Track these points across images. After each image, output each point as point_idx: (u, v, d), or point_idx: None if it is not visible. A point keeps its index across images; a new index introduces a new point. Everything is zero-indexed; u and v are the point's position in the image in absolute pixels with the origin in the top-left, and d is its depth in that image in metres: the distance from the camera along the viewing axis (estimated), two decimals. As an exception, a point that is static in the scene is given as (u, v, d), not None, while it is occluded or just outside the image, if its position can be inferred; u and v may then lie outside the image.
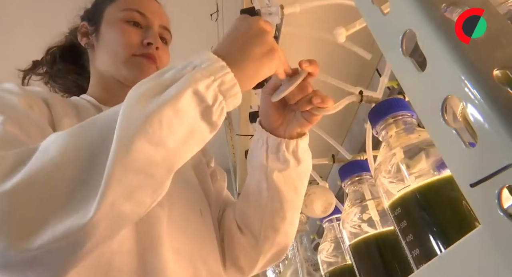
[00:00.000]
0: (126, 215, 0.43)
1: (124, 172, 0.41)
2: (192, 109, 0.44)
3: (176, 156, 0.44)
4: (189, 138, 0.45)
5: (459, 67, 0.20)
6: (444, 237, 0.37)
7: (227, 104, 0.46)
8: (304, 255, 1.07)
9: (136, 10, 0.74)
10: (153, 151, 0.42)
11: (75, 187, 0.41)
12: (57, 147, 0.43)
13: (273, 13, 0.54)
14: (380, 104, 0.52)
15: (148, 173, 0.42)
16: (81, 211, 0.40)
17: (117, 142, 0.41)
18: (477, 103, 0.19)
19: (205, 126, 0.45)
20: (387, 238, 0.56)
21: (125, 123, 0.42)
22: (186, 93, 0.43)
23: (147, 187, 0.43)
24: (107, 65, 0.74)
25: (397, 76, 0.25)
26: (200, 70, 0.45)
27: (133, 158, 0.41)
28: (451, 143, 0.20)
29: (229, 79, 0.45)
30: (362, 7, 0.28)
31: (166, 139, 0.42)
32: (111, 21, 0.75)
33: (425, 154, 0.45)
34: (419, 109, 0.23)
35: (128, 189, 0.42)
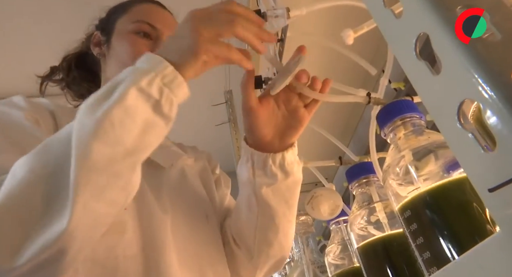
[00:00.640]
0: (100, 216, 0.45)
1: (87, 173, 0.43)
2: (142, 105, 0.46)
3: (136, 152, 0.47)
4: (146, 133, 0.47)
5: (476, 70, 0.19)
6: (456, 240, 0.37)
7: (175, 95, 0.48)
8: (310, 257, 1.07)
9: (146, 22, 0.74)
10: (111, 150, 0.44)
11: (48, 201, 0.43)
12: (24, 167, 0.45)
13: (279, 15, 0.54)
14: (388, 106, 0.51)
15: (112, 172, 0.45)
16: (57, 221, 0.42)
17: (76, 150, 0.43)
18: (495, 107, 0.18)
19: (159, 119, 0.48)
20: (396, 241, 0.56)
21: (79, 132, 0.44)
22: (130, 91, 0.46)
23: (114, 185, 0.46)
24: (115, 74, 0.75)
25: (410, 79, 0.25)
26: (140, 69, 0.48)
27: (93, 160, 0.43)
28: (468, 148, 0.20)
29: (170, 71, 0.48)
30: (374, 10, 0.28)
31: (122, 137, 0.45)
32: (122, 33, 0.76)
33: (434, 156, 0.44)
34: (434, 113, 0.23)
35: (96, 190, 0.44)
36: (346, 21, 0.62)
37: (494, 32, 0.21)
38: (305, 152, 1.07)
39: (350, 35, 0.56)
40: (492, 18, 0.22)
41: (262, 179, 0.63)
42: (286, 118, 0.62)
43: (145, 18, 0.75)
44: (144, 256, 0.59)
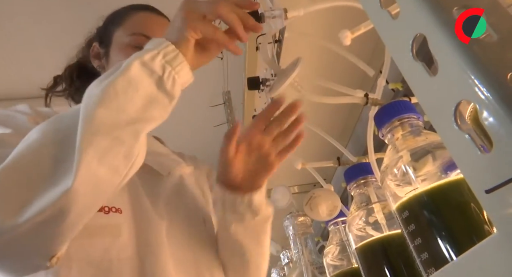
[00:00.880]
0: (102, 181, 0.48)
1: (91, 136, 0.46)
2: (145, 79, 0.50)
3: (139, 122, 0.50)
4: (149, 107, 0.50)
5: (473, 71, 0.19)
6: (454, 241, 0.37)
7: (177, 72, 0.51)
8: (309, 258, 1.07)
9: (142, 34, 0.75)
10: (114, 116, 0.48)
11: (56, 163, 0.46)
12: (37, 132, 0.49)
13: (276, 16, 0.54)
14: (385, 106, 0.51)
15: (115, 136, 0.48)
16: (63, 181, 0.45)
17: (83, 115, 0.47)
18: (492, 108, 0.18)
19: (162, 95, 0.51)
20: (394, 242, 0.56)
21: (86, 100, 0.49)
22: (134, 64, 0.49)
23: (117, 150, 0.48)
24: None
25: (407, 80, 0.25)
26: (146, 48, 0.52)
27: (98, 123, 0.47)
28: (465, 149, 0.20)
29: (171, 49, 0.51)
30: (371, 11, 0.28)
31: (125, 106, 0.48)
32: (119, 46, 0.76)
33: (432, 156, 0.44)
34: (431, 114, 0.23)
35: (99, 152, 0.46)
36: (344, 22, 0.62)
37: (491, 32, 0.21)
38: (304, 153, 1.07)
39: (347, 36, 0.56)
40: (488, 19, 0.22)
41: (232, 217, 0.67)
42: (257, 162, 0.66)
43: (141, 30, 0.75)
44: (139, 259, 0.60)
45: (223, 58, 1.90)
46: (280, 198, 1.10)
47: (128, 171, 0.51)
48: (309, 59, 0.79)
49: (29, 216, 0.44)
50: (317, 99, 0.57)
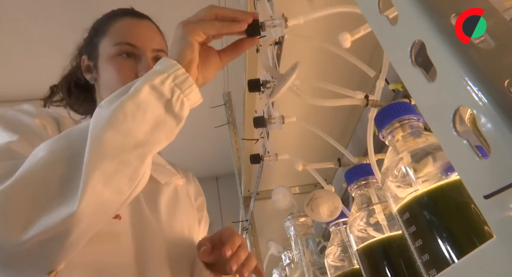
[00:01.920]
0: (107, 203, 0.48)
1: (99, 160, 0.47)
2: (154, 103, 0.50)
3: (146, 145, 0.50)
4: (156, 129, 0.51)
5: (470, 78, 0.20)
6: (455, 242, 0.37)
7: (185, 95, 0.52)
8: (310, 259, 1.07)
9: (126, 43, 0.75)
10: (122, 139, 0.48)
11: (63, 183, 0.47)
12: (45, 149, 0.49)
13: (277, 25, 0.55)
14: (385, 108, 0.51)
15: (122, 159, 0.48)
16: (69, 203, 0.45)
17: (91, 137, 0.48)
18: (489, 114, 0.19)
19: (170, 118, 0.51)
20: (395, 243, 0.56)
21: (95, 121, 0.49)
22: (143, 88, 0.50)
23: (123, 173, 0.49)
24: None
25: (406, 86, 0.25)
26: (155, 70, 0.53)
27: (106, 147, 0.47)
28: (463, 154, 0.20)
29: (181, 73, 0.52)
30: (370, 16, 0.28)
31: (133, 129, 0.49)
32: (106, 58, 0.76)
33: (432, 158, 0.44)
34: (429, 120, 0.23)
35: (106, 175, 0.47)
36: (343, 24, 0.63)
37: (487, 38, 0.21)
38: (304, 154, 1.07)
39: (347, 39, 0.56)
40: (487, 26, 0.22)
41: None
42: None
43: (124, 39, 0.76)
44: (138, 265, 0.61)
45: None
46: (281, 198, 1.10)
47: (132, 192, 0.51)
48: (309, 61, 0.80)
49: (32, 234, 0.45)
50: (318, 102, 0.57)
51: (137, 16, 0.80)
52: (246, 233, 1.75)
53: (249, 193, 1.75)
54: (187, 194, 0.82)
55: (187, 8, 0.76)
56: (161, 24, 0.84)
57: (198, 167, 2.99)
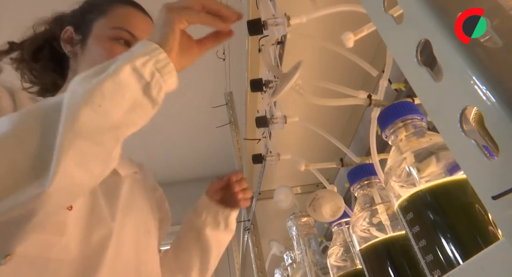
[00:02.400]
0: (78, 184, 0.47)
1: (73, 139, 0.45)
2: (133, 84, 0.49)
3: (122, 126, 0.49)
4: (133, 111, 0.49)
5: (478, 77, 0.19)
6: (459, 243, 0.37)
7: (164, 80, 0.52)
8: (312, 259, 1.06)
9: (126, 30, 0.73)
10: (98, 119, 0.47)
11: (33, 160, 0.45)
12: (10, 123, 0.46)
13: (279, 24, 0.54)
14: (388, 107, 0.51)
15: (96, 140, 0.47)
16: (39, 182, 0.44)
17: (65, 114, 0.45)
18: (498, 114, 0.18)
19: (146, 101, 0.50)
20: (398, 243, 0.56)
21: (70, 98, 0.47)
22: (125, 68, 0.49)
23: (96, 154, 0.48)
24: None
25: (412, 85, 0.25)
26: (136, 52, 0.51)
27: (80, 126, 0.45)
28: (471, 155, 0.20)
29: (163, 57, 0.51)
30: (374, 15, 0.28)
31: (110, 110, 0.47)
32: (99, 37, 0.74)
33: (435, 157, 0.44)
34: (436, 119, 0.23)
35: (79, 155, 0.45)
36: (346, 23, 0.62)
37: (495, 37, 0.21)
38: (306, 154, 1.07)
39: (350, 38, 0.56)
40: (492, 23, 0.22)
41: (211, 222, 0.85)
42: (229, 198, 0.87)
43: (125, 26, 0.74)
44: (82, 261, 0.58)
45: (225, 59, 1.90)
46: (283, 198, 1.10)
47: (101, 174, 0.50)
48: (311, 60, 0.79)
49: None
50: (320, 101, 0.57)
51: (143, 11, 0.79)
52: (248, 233, 1.75)
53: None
54: (144, 190, 0.80)
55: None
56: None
57: (200, 167, 2.99)
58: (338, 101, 0.61)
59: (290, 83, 0.54)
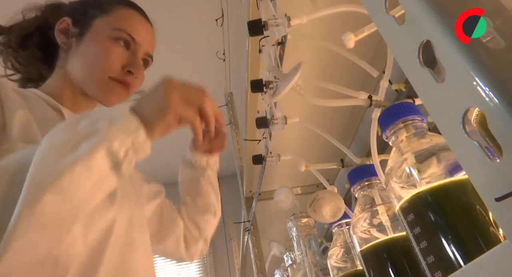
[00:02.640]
0: (31, 264, 0.43)
1: (28, 226, 0.42)
2: (104, 165, 0.46)
3: (81, 208, 0.46)
4: (97, 189, 0.47)
5: (481, 78, 0.19)
6: (460, 244, 0.37)
7: (137, 155, 0.49)
8: (312, 260, 1.06)
9: (127, 32, 0.72)
10: (60, 205, 0.44)
11: None
12: None
13: (280, 24, 0.54)
14: (389, 108, 0.51)
15: (53, 226, 0.44)
16: None
17: (28, 191, 0.42)
18: (501, 116, 0.18)
19: (113, 177, 0.48)
20: (399, 244, 0.56)
21: (37, 176, 0.44)
22: (100, 151, 0.46)
23: (52, 238, 0.45)
24: (79, 76, 0.73)
25: (414, 86, 0.25)
26: (116, 127, 0.48)
27: (39, 212, 0.42)
28: (474, 156, 0.20)
29: (142, 139, 0.49)
30: (376, 16, 0.28)
31: (74, 193, 0.45)
32: (99, 35, 0.72)
33: (436, 158, 0.44)
34: (438, 121, 0.23)
35: (32, 242, 0.42)
36: (347, 23, 0.62)
37: (497, 38, 0.21)
38: (307, 155, 1.07)
39: (351, 39, 0.56)
40: (494, 23, 0.22)
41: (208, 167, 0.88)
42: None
43: (127, 28, 0.73)
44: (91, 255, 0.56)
45: (225, 60, 1.90)
46: (283, 199, 1.10)
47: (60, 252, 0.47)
48: (312, 61, 0.79)
49: None
50: (321, 102, 0.57)
51: (145, 16, 0.79)
52: (248, 233, 1.75)
53: (251, 193, 1.75)
54: (133, 184, 0.78)
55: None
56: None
57: (200, 168, 2.97)
58: (339, 102, 0.61)
59: (290, 84, 0.54)
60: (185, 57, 2.35)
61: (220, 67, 2.00)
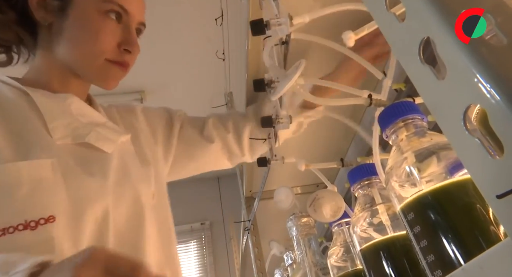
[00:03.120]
0: None
1: None
2: None
3: None
4: None
5: (483, 75, 0.19)
6: (460, 243, 0.36)
7: None
8: (312, 259, 1.06)
9: (118, 5, 0.64)
10: None
11: None
12: None
13: (282, 23, 0.54)
14: (389, 107, 0.51)
15: None
16: None
17: None
18: (502, 113, 0.18)
19: None
20: (399, 243, 0.56)
21: None
22: None
23: None
24: (69, 60, 0.66)
25: (415, 84, 0.25)
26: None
27: None
28: (475, 154, 0.20)
29: None
30: (377, 14, 0.28)
31: None
32: (86, 9, 0.63)
33: (436, 157, 0.44)
34: (439, 118, 0.23)
35: None
36: (348, 23, 0.62)
37: (499, 35, 0.21)
38: (306, 154, 1.07)
39: (351, 37, 0.56)
40: (496, 21, 0.22)
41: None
42: None
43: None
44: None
45: (225, 59, 1.90)
46: (283, 199, 1.09)
47: None
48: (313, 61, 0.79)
49: None
50: (322, 101, 0.57)
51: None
52: (248, 233, 1.75)
53: (251, 193, 1.75)
54: (133, 155, 0.72)
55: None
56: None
57: (200, 167, 2.98)
58: (339, 101, 0.61)
59: (290, 83, 0.54)
60: (185, 57, 2.35)
61: (219, 66, 1.99)
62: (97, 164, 0.63)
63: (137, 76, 2.12)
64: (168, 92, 2.37)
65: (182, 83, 2.36)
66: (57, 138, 0.60)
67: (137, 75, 2.14)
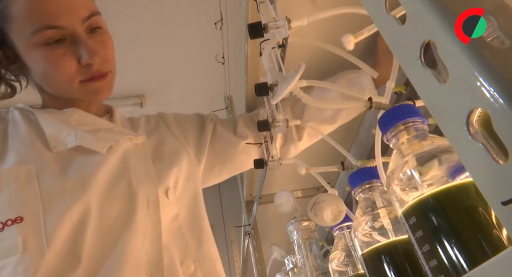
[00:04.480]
0: None
1: None
2: None
3: None
4: None
5: (486, 78, 0.19)
6: (463, 247, 0.36)
7: None
8: (313, 263, 1.06)
9: (47, 27, 0.59)
10: None
11: None
12: None
13: (280, 26, 0.54)
14: (390, 110, 0.51)
15: None
16: None
17: None
18: (506, 117, 0.18)
19: None
20: (401, 247, 0.55)
21: None
22: None
23: None
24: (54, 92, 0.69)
25: (416, 88, 0.24)
26: None
27: None
28: (479, 159, 0.19)
29: None
30: (377, 17, 0.27)
31: None
32: (28, 50, 0.61)
33: (438, 161, 0.44)
34: (441, 123, 0.22)
35: None
36: (347, 26, 0.62)
37: (502, 37, 0.21)
38: (307, 157, 1.07)
39: (350, 41, 0.56)
40: (498, 23, 0.21)
41: None
42: None
43: (43, 23, 0.59)
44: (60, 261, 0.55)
45: (225, 63, 1.90)
46: (284, 202, 1.09)
47: None
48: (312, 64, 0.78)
49: None
50: (322, 104, 0.56)
51: None
52: (248, 237, 1.74)
53: (251, 197, 1.74)
54: (148, 152, 0.72)
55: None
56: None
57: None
58: (339, 104, 0.61)
59: (290, 86, 0.54)
60: (184, 61, 2.35)
61: (219, 70, 1.99)
62: (82, 166, 0.63)
63: (137, 80, 2.12)
64: (168, 96, 2.37)
65: (182, 87, 2.37)
66: (53, 146, 0.64)
67: (137, 79, 2.14)
